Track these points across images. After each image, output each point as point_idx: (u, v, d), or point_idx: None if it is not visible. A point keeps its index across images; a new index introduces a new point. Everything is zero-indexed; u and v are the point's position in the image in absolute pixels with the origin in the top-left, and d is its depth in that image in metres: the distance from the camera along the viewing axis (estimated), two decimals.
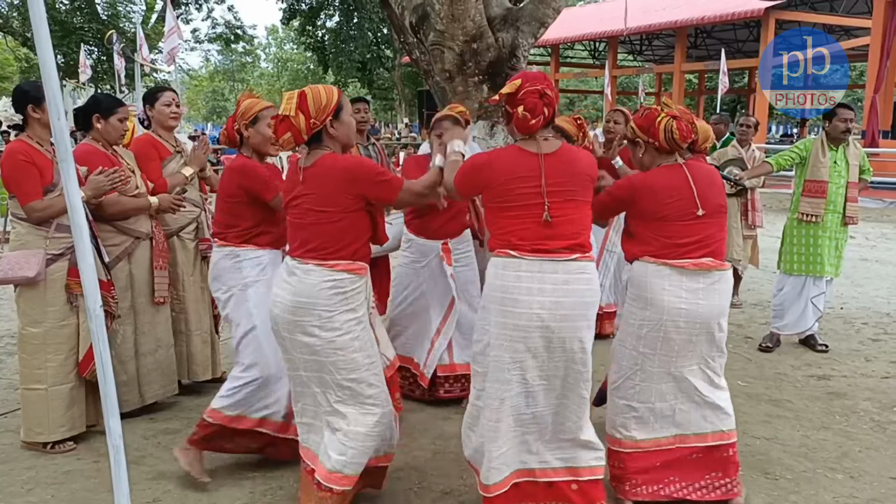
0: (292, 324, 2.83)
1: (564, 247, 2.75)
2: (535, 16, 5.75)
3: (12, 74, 31.59)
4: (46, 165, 3.62)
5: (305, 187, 2.82)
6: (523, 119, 2.75)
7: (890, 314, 6.59)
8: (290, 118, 2.77)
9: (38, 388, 3.66)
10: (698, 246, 3.02)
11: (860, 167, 5.48)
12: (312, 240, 2.81)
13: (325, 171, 2.79)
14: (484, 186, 2.82)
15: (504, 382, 2.80)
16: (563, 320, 2.73)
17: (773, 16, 19.19)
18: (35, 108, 3.62)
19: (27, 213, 3.59)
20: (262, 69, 50.87)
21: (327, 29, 31.66)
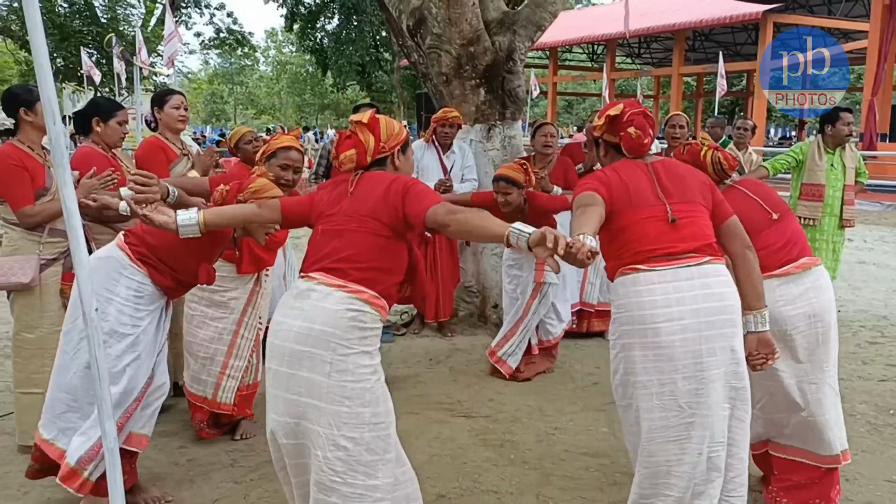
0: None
1: (699, 251, 2.53)
2: (531, 20, 5.78)
3: (12, 77, 31.60)
4: (38, 169, 3.60)
5: (352, 197, 2.55)
6: (637, 139, 2.65)
7: (887, 317, 6.60)
8: (357, 135, 2.59)
9: (35, 391, 3.63)
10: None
11: (857, 170, 5.50)
12: (344, 249, 2.46)
13: (377, 181, 2.56)
14: (605, 198, 2.55)
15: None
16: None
17: (770, 19, 19.24)
18: (27, 112, 3.60)
19: (19, 218, 3.58)
20: (261, 72, 50.93)
21: (327, 32, 31.73)
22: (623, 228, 2.56)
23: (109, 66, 20.74)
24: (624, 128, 2.66)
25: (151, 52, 22.87)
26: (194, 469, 3.53)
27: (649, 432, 2.48)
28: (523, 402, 4.42)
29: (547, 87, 28.28)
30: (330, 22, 31.88)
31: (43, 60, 1.86)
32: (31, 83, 5.78)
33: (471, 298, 5.93)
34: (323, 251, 2.48)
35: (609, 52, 25.30)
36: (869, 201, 13.37)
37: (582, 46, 28.95)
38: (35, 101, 3.59)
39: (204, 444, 3.83)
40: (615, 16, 26.70)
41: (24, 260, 3.55)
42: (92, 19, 20.70)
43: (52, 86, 1.91)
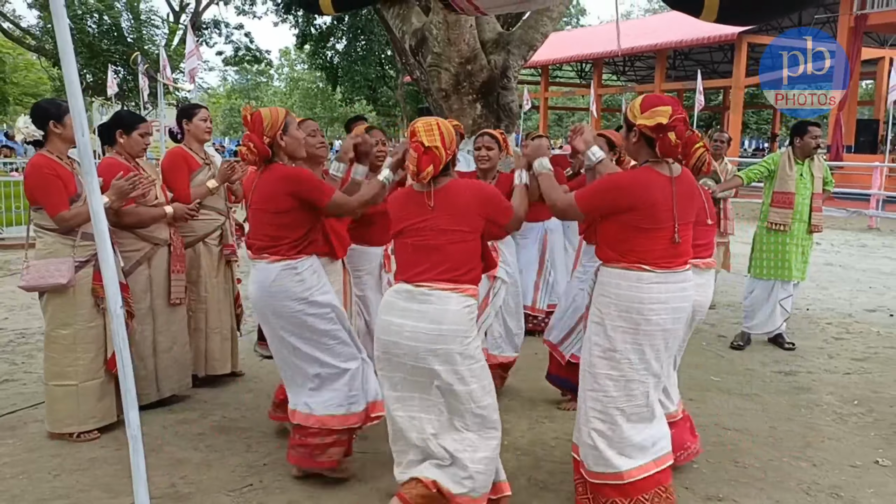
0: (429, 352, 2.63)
1: (684, 262, 2.82)
2: (524, 40, 5.78)
3: (45, 92, 31.60)
4: (69, 177, 3.61)
5: (435, 211, 2.66)
6: (675, 146, 2.68)
7: (852, 315, 6.60)
8: (433, 149, 2.62)
9: (69, 384, 3.64)
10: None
11: (824, 179, 5.50)
12: (445, 261, 2.64)
13: (456, 193, 2.69)
14: (628, 208, 2.68)
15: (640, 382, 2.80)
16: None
17: (745, 40, 19.25)
18: (56, 124, 3.61)
19: (57, 222, 3.58)
20: (275, 88, 50.92)
21: (337, 51, 31.68)
22: (635, 235, 2.72)
23: (135, 81, 20.77)
24: (665, 131, 2.67)
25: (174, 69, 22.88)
26: (212, 454, 3.52)
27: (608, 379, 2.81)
28: (516, 393, 4.41)
29: (539, 102, 28.28)
30: (339, 41, 31.82)
31: (73, 77, 1.86)
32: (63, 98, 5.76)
33: None
34: (425, 263, 2.65)
35: (596, 70, 25.31)
36: (836, 208, 13.36)
37: (571, 64, 28.95)
38: (63, 115, 3.60)
39: (221, 431, 3.82)
40: (602, 36, 26.71)
41: (60, 262, 3.56)
42: (119, 39, 20.71)
43: (80, 100, 1.91)
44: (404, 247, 2.72)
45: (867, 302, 7.13)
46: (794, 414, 4.17)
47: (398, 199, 2.81)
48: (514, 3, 4.46)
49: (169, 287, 4.05)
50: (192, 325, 4.36)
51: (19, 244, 9.82)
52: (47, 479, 3.24)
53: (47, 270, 3.56)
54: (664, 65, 23.15)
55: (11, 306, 6.61)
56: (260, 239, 3.11)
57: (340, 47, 31.45)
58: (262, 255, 3.10)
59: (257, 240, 3.12)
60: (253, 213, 3.14)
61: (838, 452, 3.64)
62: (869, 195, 13.69)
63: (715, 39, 19.56)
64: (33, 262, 3.60)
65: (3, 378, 4.63)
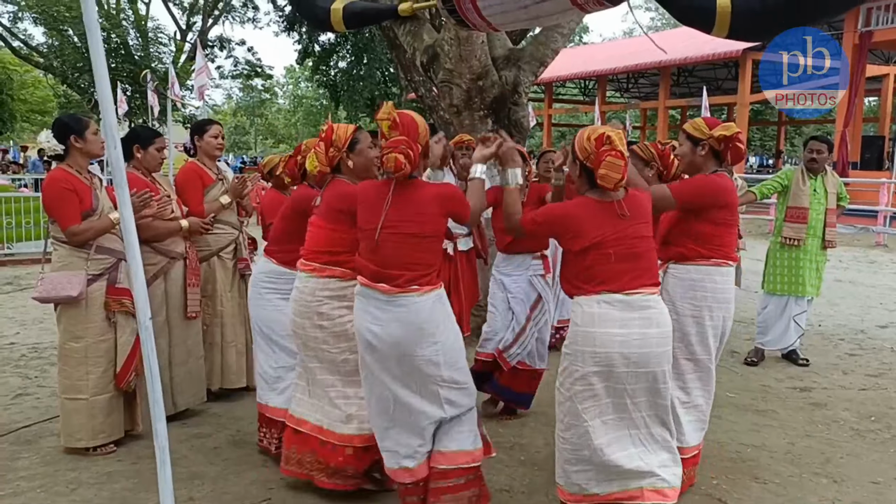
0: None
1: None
2: (535, 56, 5.81)
3: (52, 110, 31.84)
4: (85, 192, 3.63)
5: (631, 219, 2.72)
6: (742, 153, 3.19)
7: (864, 331, 6.58)
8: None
9: (80, 397, 3.64)
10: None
11: (838, 195, 5.50)
12: (650, 267, 2.76)
13: (637, 199, 2.82)
14: (724, 204, 3.18)
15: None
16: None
17: (749, 56, 19.30)
18: (77, 139, 3.63)
19: (67, 236, 3.59)
20: (280, 105, 51.20)
21: (340, 69, 31.88)
22: (725, 231, 3.21)
23: (143, 99, 20.89)
24: (734, 142, 3.13)
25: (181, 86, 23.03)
26: (228, 469, 3.51)
27: None
28: (531, 408, 4.40)
29: (542, 119, 28.41)
30: (342, 59, 32.04)
31: (106, 93, 1.88)
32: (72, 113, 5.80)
33: (478, 312, 5.91)
34: (632, 272, 2.67)
35: (600, 87, 25.42)
36: (843, 224, 13.36)
37: (574, 81, 29.09)
38: (84, 130, 3.63)
39: (237, 445, 3.81)
40: (605, 53, 26.86)
41: (73, 275, 3.57)
42: (126, 57, 20.88)
43: (112, 115, 1.93)
44: (604, 258, 2.67)
45: (878, 318, 7.11)
46: (812, 430, 4.14)
47: (580, 212, 2.74)
48: (526, 19, 4.46)
49: (185, 301, 4.06)
50: (208, 339, 4.37)
51: (29, 259, 9.86)
52: (65, 493, 3.23)
53: (59, 283, 3.57)
54: (668, 82, 23.22)
55: (23, 321, 6.61)
56: (400, 268, 2.76)
57: (343, 65, 31.68)
58: (408, 287, 2.76)
59: (395, 269, 2.76)
60: (385, 239, 2.76)
61: (858, 469, 3.61)
62: (876, 212, 13.68)
63: (719, 56, 19.63)
64: (47, 274, 3.61)
65: (18, 392, 4.63)
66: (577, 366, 2.67)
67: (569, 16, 4.65)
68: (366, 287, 2.81)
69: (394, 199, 2.76)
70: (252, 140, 51.68)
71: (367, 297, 2.81)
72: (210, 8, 28.90)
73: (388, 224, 2.75)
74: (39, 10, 20.87)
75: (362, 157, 3.09)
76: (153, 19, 27.97)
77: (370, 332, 2.79)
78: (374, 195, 2.84)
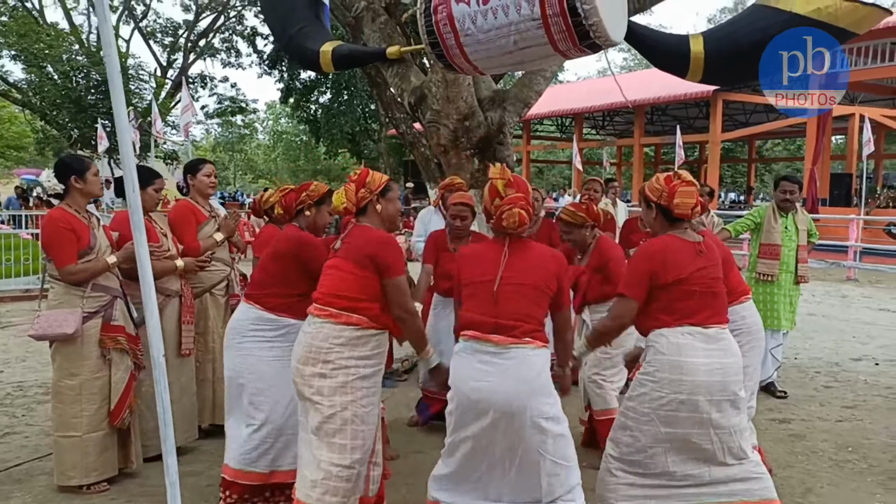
0: None
1: None
2: (519, 97, 5.99)
3: (29, 145, 31.63)
4: (84, 231, 3.68)
5: (708, 258, 2.96)
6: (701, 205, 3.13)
7: (839, 363, 6.74)
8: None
9: (74, 435, 3.65)
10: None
11: (808, 231, 5.71)
12: (723, 304, 2.98)
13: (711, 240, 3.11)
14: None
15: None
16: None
17: (720, 96, 19.85)
18: (77, 179, 3.70)
19: (62, 275, 3.64)
20: (259, 141, 51.33)
21: (320, 104, 32.15)
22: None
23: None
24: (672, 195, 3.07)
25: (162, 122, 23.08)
26: None
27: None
28: None
29: (521, 156, 28.81)
30: (323, 95, 32.32)
31: (125, 138, 1.97)
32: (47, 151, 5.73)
33: None
34: (709, 308, 2.90)
35: (577, 124, 25.92)
36: (814, 259, 13.67)
37: (552, 119, 29.61)
38: (85, 171, 3.70)
39: None
40: (581, 91, 27.41)
41: (69, 313, 3.61)
42: (106, 94, 20.88)
43: (132, 159, 2.02)
44: (689, 294, 2.86)
45: (852, 351, 7.29)
46: (793, 461, 4.25)
47: (669, 246, 2.92)
48: (511, 64, 4.65)
49: (180, 338, 4.11)
50: (200, 375, 4.41)
51: (9, 297, 9.77)
52: None
53: (56, 320, 3.60)
54: (643, 120, 23.75)
55: (6, 359, 6.56)
56: (518, 319, 2.77)
57: (323, 100, 31.95)
58: (523, 339, 2.75)
59: (513, 320, 2.77)
60: (504, 290, 2.80)
61: (838, 498, 3.72)
62: (846, 247, 14.03)
63: (691, 96, 20.15)
64: (43, 312, 3.65)
65: (5, 431, 4.61)
66: (663, 392, 2.83)
67: (551, 61, 4.82)
68: (474, 340, 2.77)
69: (510, 253, 2.84)
70: (231, 175, 51.63)
71: (473, 353, 2.77)
72: (192, 46, 29.11)
73: (507, 276, 2.79)
74: (20, 47, 20.89)
75: (392, 204, 3.11)
76: (134, 56, 28.05)
77: (474, 390, 2.72)
78: (484, 249, 2.94)
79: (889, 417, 5.09)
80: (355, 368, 2.86)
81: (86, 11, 27.19)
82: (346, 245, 2.98)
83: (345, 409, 2.82)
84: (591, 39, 3.81)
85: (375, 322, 2.89)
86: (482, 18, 4.08)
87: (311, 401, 2.86)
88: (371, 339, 2.91)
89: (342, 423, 2.82)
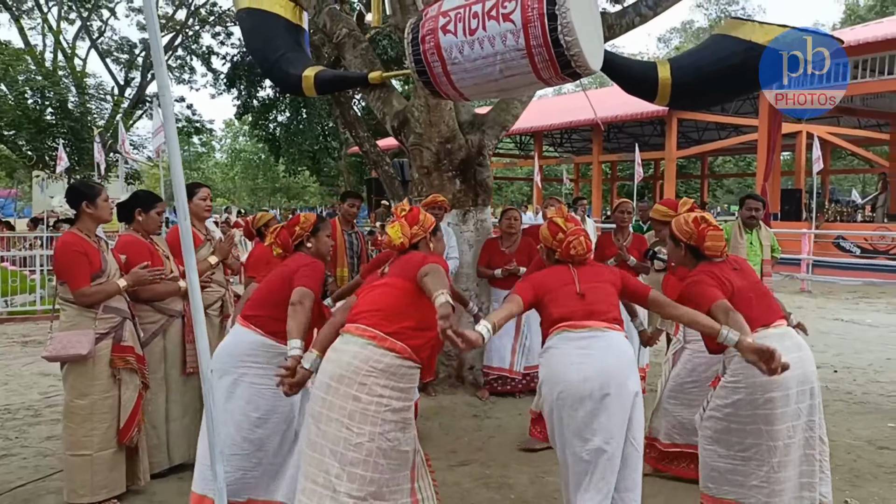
0: None
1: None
2: (497, 121, 6.27)
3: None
4: (95, 255, 3.79)
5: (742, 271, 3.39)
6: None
7: None
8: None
9: (84, 453, 3.74)
10: None
11: (771, 247, 6.09)
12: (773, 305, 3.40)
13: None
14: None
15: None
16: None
17: (675, 115, 20.52)
18: (89, 204, 3.82)
19: (76, 297, 3.74)
20: (217, 159, 50.91)
21: (278, 123, 32.11)
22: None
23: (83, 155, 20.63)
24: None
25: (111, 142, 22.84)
26: None
27: None
28: (509, 450, 4.67)
29: None
30: (281, 114, 32.30)
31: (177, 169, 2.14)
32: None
33: (449, 361, 6.19)
34: (767, 307, 3.35)
35: (536, 142, 26.44)
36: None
37: (511, 137, 30.14)
38: (96, 196, 3.82)
39: None
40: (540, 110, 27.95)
41: (82, 334, 3.70)
42: (65, 113, 20.63)
43: (183, 190, 2.18)
44: (747, 301, 3.21)
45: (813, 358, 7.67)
46: None
47: (714, 271, 3.27)
48: (495, 91, 4.91)
49: (183, 357, 4.23)
50: None
51: None
52: None
53: (69, 342, 3.70)
54: (601, 137, 24.38)
55: None
56: (608, 305, 3.10)
57: (282, 119, 31.93)
58: (614, 326, 3.06)
59: (604, 306, 3.08)
60: (588, 288, 3.10)
61: None
62: (799, 260, 14.64)
63: (647, 115, 20.81)
64: (56, 334, 3.74)
65: (2, 453, 4.64)
66: (757, 395, 3.14)
67: (533, 88, 5.12)
68: (569, 329, 3.00)
69: (577, 271, 3.17)
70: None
71: (568, 342, 2.98)
72: (150, 65, 28.85)
73: (584, 280, 3.11)
74: None
75: (440, 243, 3.42)
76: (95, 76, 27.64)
77: (579, 374, 2.90)
78: (552, 272, 3.22)
79: (850, 421, 5.44)
80: (388, 399, 2.82)
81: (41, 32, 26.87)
82: (395, 266, 3.10)
83: (371, 441, 2.77)
84: (572, 69, 4.10)
85: (416, 355, 2.90)
86: (469, 49, 4.34)
87: (340, 422, 2.79)
88: (408, 371, 2.90)
89: (367, 455, 2.77)
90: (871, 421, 5.42)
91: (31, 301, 10.57)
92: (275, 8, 6.46)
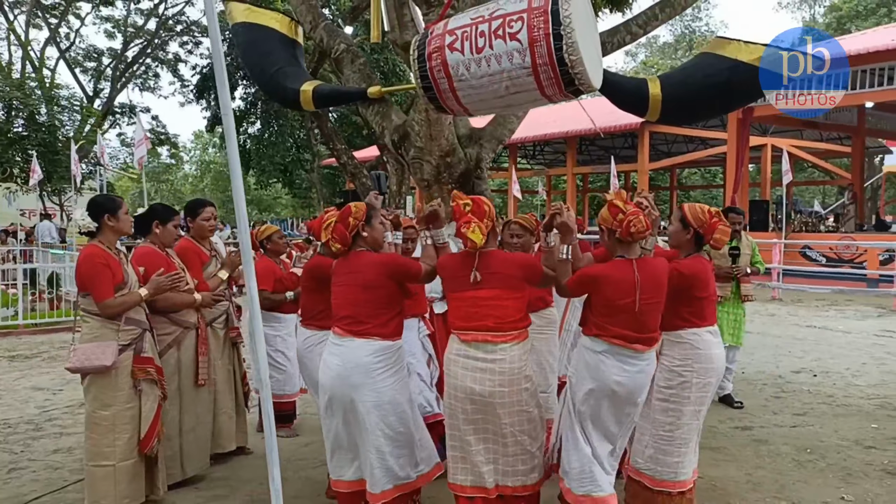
0: None
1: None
2: (494, 135, 6.42)
3: None
4: (117, 267, 3.84)
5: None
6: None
7: (781, 376, 7.37)
8: None
9: (107, 464, 3.77)
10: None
11: (752, 259, 6.36)
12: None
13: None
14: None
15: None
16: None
17: (647, 128, 20.97)
18: (110, 217, 3.87)
19: (101, 308, 3.78)
20: (186, 171, 50.41)
21: (249, 135, 31.95)
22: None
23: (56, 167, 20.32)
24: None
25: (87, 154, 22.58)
26: None
27: None
28: None
29: None
30: (252, 126, 32.14)
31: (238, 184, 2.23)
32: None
33: None
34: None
35: (511, 155, 26.75)
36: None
37: None
38: (117, 209, 3.87)
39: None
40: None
41: (106, 345, 3.74)
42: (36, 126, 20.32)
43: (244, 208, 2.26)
44: (712, 302, 3.73)
45: (791, 364, 7.96)
46: (761, 463, 4.74)
47: (706, 266, 3.69)
48: (500, 107, 5.06)
49: (196, 368, 4.28)
50: None
51: None
52: None
53: (93, 353, 3.74)
54: (574, 150, 24.74)
55: None
56: (653, 331, 3.47)
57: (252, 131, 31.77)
58: (652, 345, 3.50)
59: (650, 332, 3.45)
60: (644, 308, 3.36)
61: (809, 492, 4.21)
62: (770, 269, 15.04)
63: (620, 128, 21.20)
64: (80, 346, 3.78)
65: (10, 467, 4.63)
66: (706, 378, 3.61)
67: (536, 104, 5.24)
68: (617, 346, 3.38)
69: (640, 276, 3.38)
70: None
71: (615, 355, 3.39)
72: (120, 74, 28.60)
73: (643, 297, 3.36)
74: None
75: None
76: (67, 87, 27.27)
77: (617, 383, 3.38)
78: (615, 272, 3.40)
79: (835, 422, 5.67)
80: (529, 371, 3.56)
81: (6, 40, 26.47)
82: (489, 276, 3.43)
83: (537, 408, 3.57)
84: (575, 86, 4.26)
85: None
86: (475, 66, 4.48)
87: (512, 411, 3.41)
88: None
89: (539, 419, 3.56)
90: (855, 422, 5.66)
91: (11, 315, 10.42)
92: (270, 22, 6.54)
